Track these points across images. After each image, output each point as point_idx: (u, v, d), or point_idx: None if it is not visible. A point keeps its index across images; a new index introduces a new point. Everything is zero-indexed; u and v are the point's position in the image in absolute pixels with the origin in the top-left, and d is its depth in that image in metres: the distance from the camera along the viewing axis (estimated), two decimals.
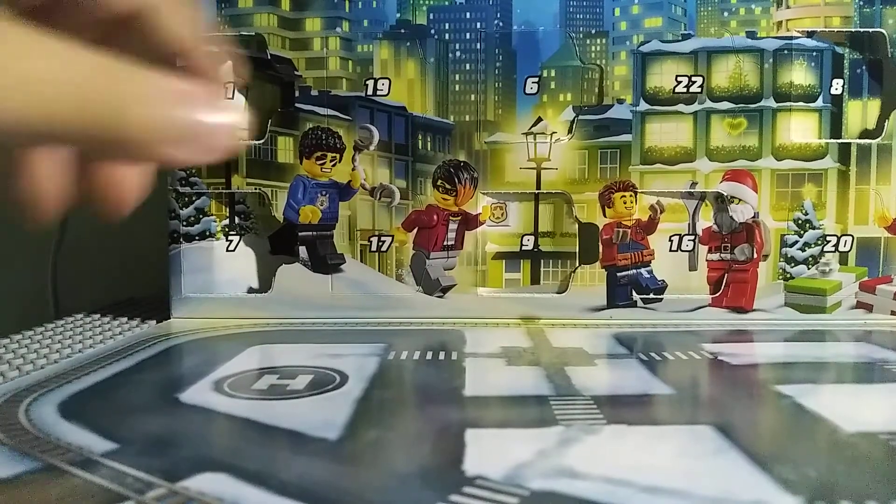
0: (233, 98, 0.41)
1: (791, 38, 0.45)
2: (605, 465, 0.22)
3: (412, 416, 0.28)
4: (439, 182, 0.46)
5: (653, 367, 0.35)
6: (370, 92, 0.45)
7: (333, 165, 0.45)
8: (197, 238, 0.46)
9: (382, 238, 0.46)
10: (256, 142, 0.45)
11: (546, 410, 0.28)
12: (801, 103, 0.45)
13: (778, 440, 0.25)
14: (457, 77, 0.46)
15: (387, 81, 0.45)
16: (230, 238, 0.47)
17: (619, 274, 0.46)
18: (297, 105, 0.45)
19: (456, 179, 0.46)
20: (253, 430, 0.26)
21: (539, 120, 0.46)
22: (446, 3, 0.45)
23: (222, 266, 0.47)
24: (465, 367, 0.35)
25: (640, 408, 0.29)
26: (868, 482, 0.21)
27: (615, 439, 0.25)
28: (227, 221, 0.47)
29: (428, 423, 0.27)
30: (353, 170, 0.45)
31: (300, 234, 0.46)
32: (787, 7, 0.45)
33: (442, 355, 0.37)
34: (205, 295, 0.46)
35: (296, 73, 0.45)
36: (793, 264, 0.46)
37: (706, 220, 0.46)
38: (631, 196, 0.46)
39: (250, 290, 0.47)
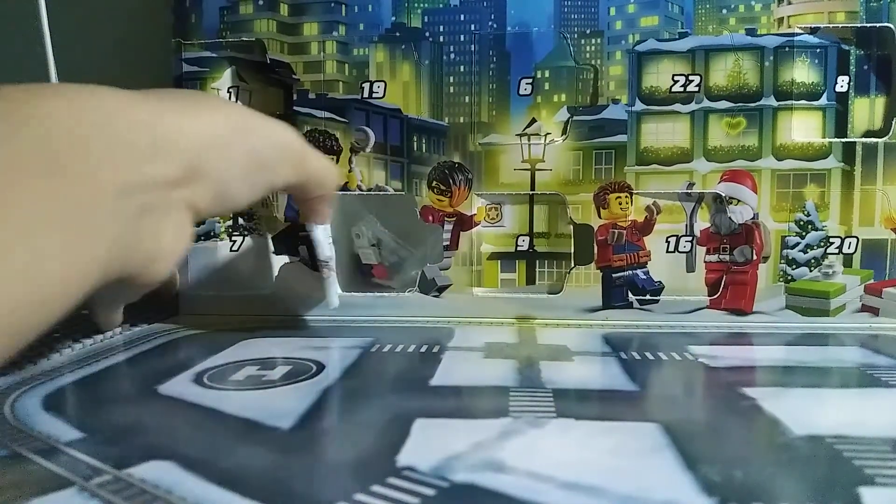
0: None
1: (793, 34, 0.44)
2: (536, 459, 0.22)
3: (370, 404, 0.29)
4: (434, 183, 0.46)
5: (629, 365, 0.35)
6: (366, 94, 0.46)
7: None
8: (202, 238, 0.48)
9: None
10: None
11: (503, 401, 0.28)
12: (803, 101, 0.44)
13: (721, 440, 0.25)
14: (451, 79, 0.46)
15: (382, 84, 0.46)
16: (234, 238, 0.48)
17: (614, 275, 0.46)
18: (294, 108, 0.46)
19: (451, 181, 0.46)
20: (213, 419, 0.27)
21: (533, 121, 0.46)
22: (441, 5, 0.46)
23: (227, 265, 0.48)
24: (441, 359, 0.36)
25: (596, 403, 0.29)
26: (793, 484, 0.21)
27: (557, 433, 0.25)
28: (230, 222, 0.48)
29: (383, 411, 0.28)
30: (349, 171, 0.46)
31: (301, 234, 0.47)
32: (789, 3, 0.44)
33: (424, 349, 0.38)
34: (210, 293, 0.48)
35: (293, 76, 0.46)
36: (794, 266, 0.45)
37: (704, 221, 0.45)
38: (626, 197, 0.45)
39: (253, 289, 0.48)
